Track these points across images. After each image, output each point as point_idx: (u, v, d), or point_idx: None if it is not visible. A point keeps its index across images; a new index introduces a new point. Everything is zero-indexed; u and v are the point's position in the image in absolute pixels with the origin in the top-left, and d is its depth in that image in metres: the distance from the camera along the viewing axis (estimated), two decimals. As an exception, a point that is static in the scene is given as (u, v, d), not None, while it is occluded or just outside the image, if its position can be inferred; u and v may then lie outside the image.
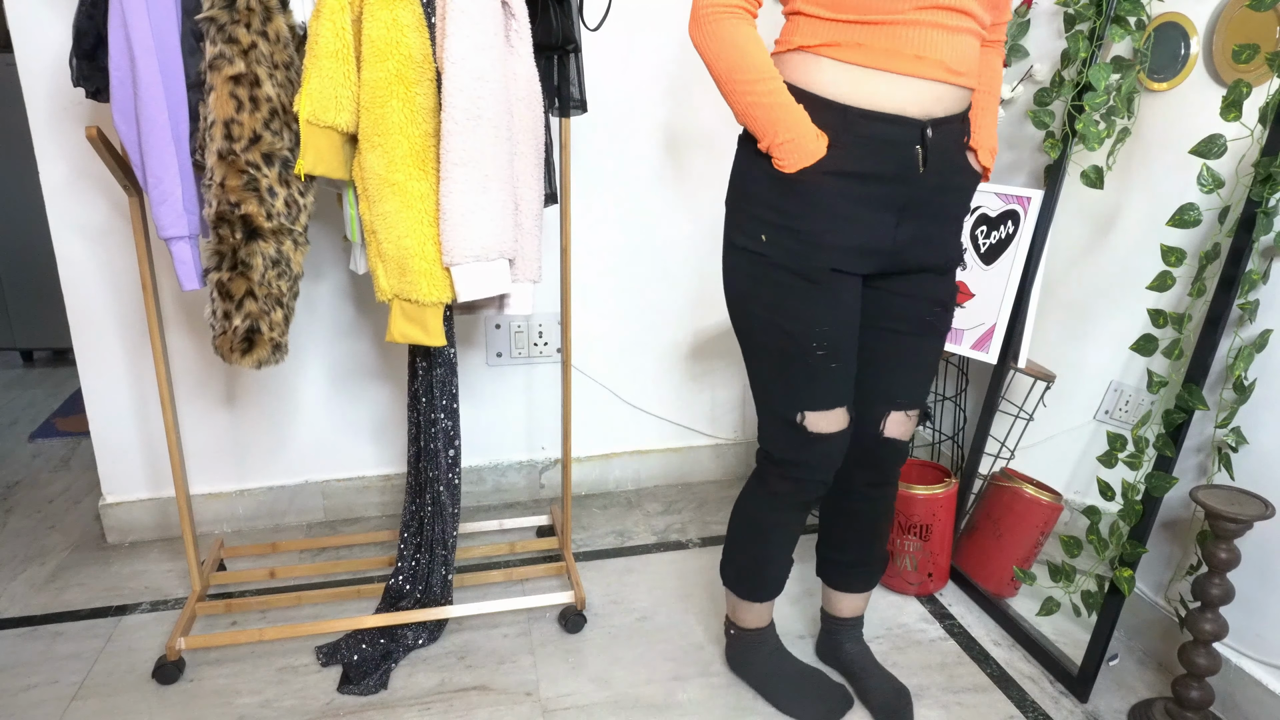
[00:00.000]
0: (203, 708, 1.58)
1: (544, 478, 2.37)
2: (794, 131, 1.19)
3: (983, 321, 1.88)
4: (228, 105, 1.36)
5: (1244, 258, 1.42)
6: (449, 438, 1.73)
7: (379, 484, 2.25)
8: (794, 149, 1.20)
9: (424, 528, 1.80)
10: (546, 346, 2.25)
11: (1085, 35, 1.73)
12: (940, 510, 1.86)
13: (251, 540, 2.15)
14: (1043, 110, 1.84)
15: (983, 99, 1.34)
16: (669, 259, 2.27)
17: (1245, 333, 1.48)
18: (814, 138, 1.19)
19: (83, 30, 1.41)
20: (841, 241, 1.24)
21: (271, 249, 1.45)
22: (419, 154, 1.44)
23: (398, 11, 1.39)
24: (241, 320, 1.45)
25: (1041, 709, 1.58)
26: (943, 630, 1.81)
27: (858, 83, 1.19)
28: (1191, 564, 1.58)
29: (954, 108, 1.24)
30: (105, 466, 2.09)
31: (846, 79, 1.19)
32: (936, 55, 1.17)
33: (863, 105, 1.19)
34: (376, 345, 2.15)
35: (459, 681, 1.65)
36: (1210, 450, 1.55)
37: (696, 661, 1.71)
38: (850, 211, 1.23)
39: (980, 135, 1.33)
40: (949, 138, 1.25)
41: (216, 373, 2.08)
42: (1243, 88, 1.39)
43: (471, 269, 1.48)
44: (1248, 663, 1.51)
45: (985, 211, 1.91)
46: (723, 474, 2.50)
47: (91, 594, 1.92)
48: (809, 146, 1.19)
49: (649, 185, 2.20)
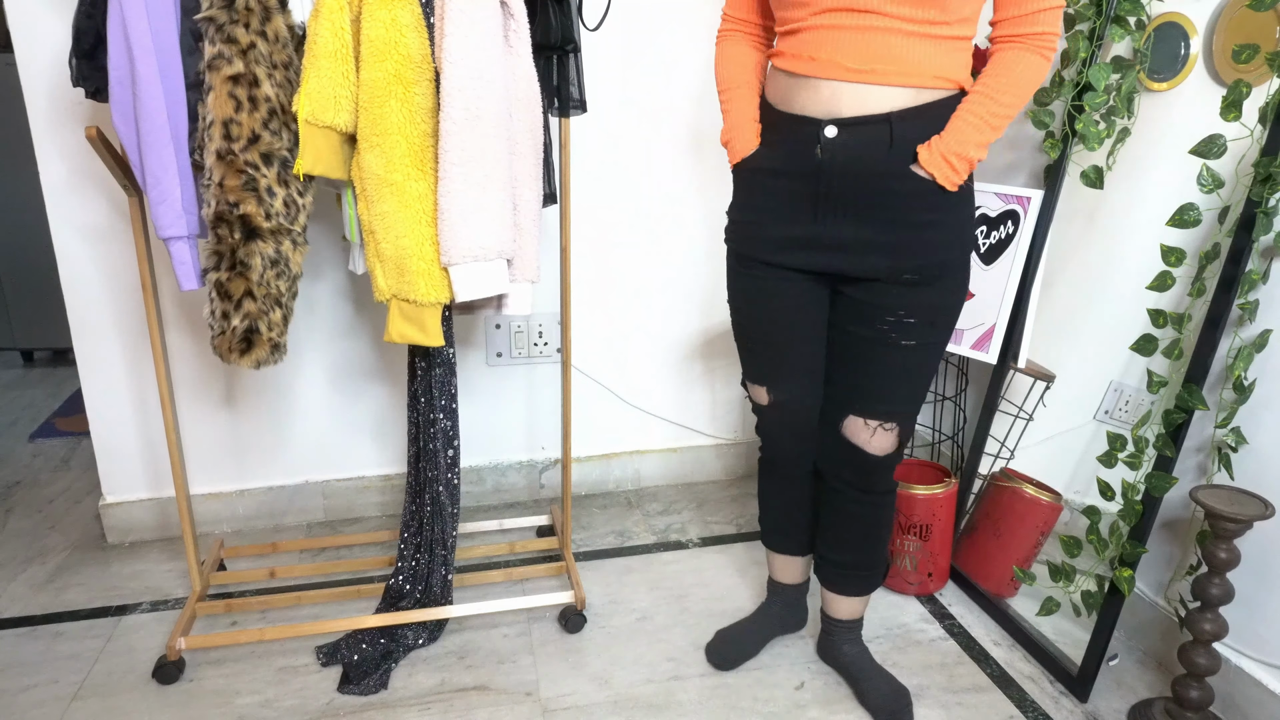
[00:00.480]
0: (203, 708, 1.58)
1: (544, 478, 2.37)
2: (733, 132, 1.39)
3: (982, 321, 1.88)
4: (226, 105, 1.36)
5: (1244, 258, 1.42)
6: (448, 438, 1.73)
7: (379, 484, 2.25)
8: (732, 148, 1.40)
9: (424, 528, 1.80)
10: (546, 346, 2.25)
11: (1085, 35, 1.73)
12: (940, 510, 1.86)
13: (251, 540, 2.15)
14: (1043, 110, 1.84)
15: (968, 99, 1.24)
16: (669, 259, 2.27)
17: (1245, 333, 1.48)
18: (746, 139, 1.37)
19: (82, 30, 1.41)
20: (763, 233, 1.38)
21: (270, 249, 1.45)
22: (417, 154, 1.44)
23: (396, 11, 1.39)
24: (240, 320, 1.45)
25: (1041, 709, 1.58)
26: (943, 630, 1.81)
27: (778, 86, 1.33)
28: (1191, 564, 1.58)
29: (870, 107, 1.23)
30: (105, 466, 2.09)
31: (774, 83, 1.34)
32: (830, 55, 1.23)
33: (780, 107, 1.33)
34: (376, 345, 2.15)
35: (459, 681, 1.65)
36: (1210, 450, 1.55)
37: (696, 661, 1.71)
38: (768, 204, 1.36)
39: (941, 137, 1.24)
40: (866, 137, 1.24)
41: (216, 373, 2.08)
42: (1243, 88, 1.39)
43: (470, 269, 1.48)
44: (1247, 663, 1.51)
45: (985, 211, 1.91)
46: (723, 474, 2.50)
47: (92, 594, 1.92)
48: (739, 145, 1.38)
49: (649, 185, 2.20)
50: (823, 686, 1.64)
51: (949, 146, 1.24)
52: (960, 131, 1.24)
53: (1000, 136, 1.25)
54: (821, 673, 1.68)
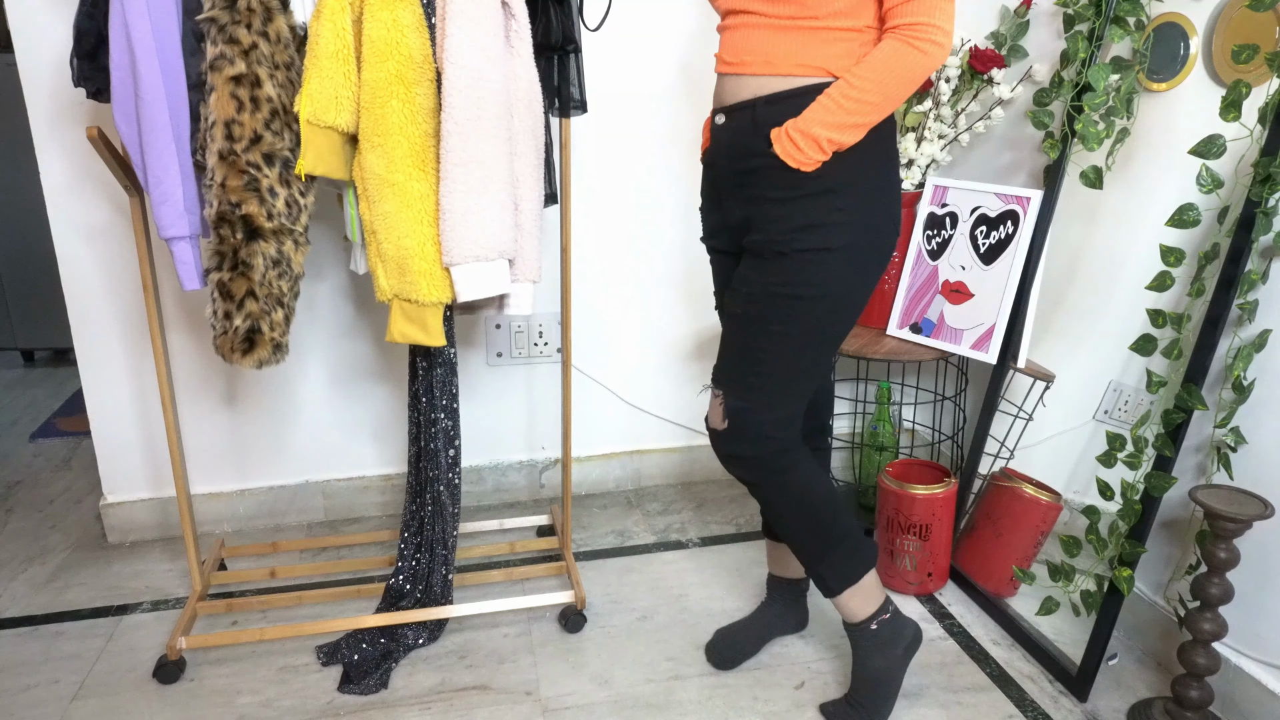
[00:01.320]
0: (203, 707, 1.58)
1: (544, 477, 2.37)
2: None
3: (982, 321, 1.88)
4: (228, 105, 1.36)
5: (1243, 258, 1.42)
6: (449, 437, 1.74)
7: (379, 484, 2.25)
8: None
9: (424, 527, 1.80)
10: (546, 346, 2.25)
11: (1085, 36, 1.74)
12: (940, 510, 1.87)
13: (252, 540, 2.15)
14: (1042, 111, 1.85)
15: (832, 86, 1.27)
16: (669, 259, 2.28)
17: (1244, 333, 1.48)
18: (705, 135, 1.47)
19: (83, 30, 1.41)
20: (704, 221, 1.52)
21: (272, 249, 1.45)
22: (419, 154, 1.44)
23: (398, 12, 1.39)
24: (242, 320, 1.45)
25: (1041, 708, 1.58)
26: (942, 630, 1.81)
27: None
28: (1191, 564, 1.59)
29: (743, 95, 1.35)
30: (106, 466, 2.09)
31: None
32: (724, 53, 1.37)
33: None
34: (377, 345, 2.15)
35: (459, 681, 1.65)
36: (1209, 450, 1.55)
37: (696, 661, 1.71)
38: (704, 192, 1.50)
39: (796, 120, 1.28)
40: (738, 122, 1.36)
41: (217, 373, 2.08)
42: (1242, 88, 1.39)
43: (471, 269, 1.48)
44: (1247, 662, 1.51)
45: (985, 212, 1.91)
46: (723, 474, 2.50)
47: (92, 593, 1.93)
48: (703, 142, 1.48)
49: (649, 185, 2.20)
50: (823, 686, 1.64)
51: (795, 124, 1.28)
52: (811, 110, 1.27)
53: (861, 123, 1.25)
54: (821, 673, 1.68)
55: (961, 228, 1.96)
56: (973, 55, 1.96)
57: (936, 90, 2.01)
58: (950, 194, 2.00)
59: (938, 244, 2.00)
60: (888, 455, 2.19)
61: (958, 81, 2.01)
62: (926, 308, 2.00)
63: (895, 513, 1.88)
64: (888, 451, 2.19)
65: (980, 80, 2.00)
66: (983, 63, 1.95)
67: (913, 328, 2.01)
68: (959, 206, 1.97)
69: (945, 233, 1.99)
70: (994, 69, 1.96)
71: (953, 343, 1.93)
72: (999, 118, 2.03)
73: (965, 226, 1.95)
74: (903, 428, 2.49)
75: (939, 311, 1.97)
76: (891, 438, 2.19)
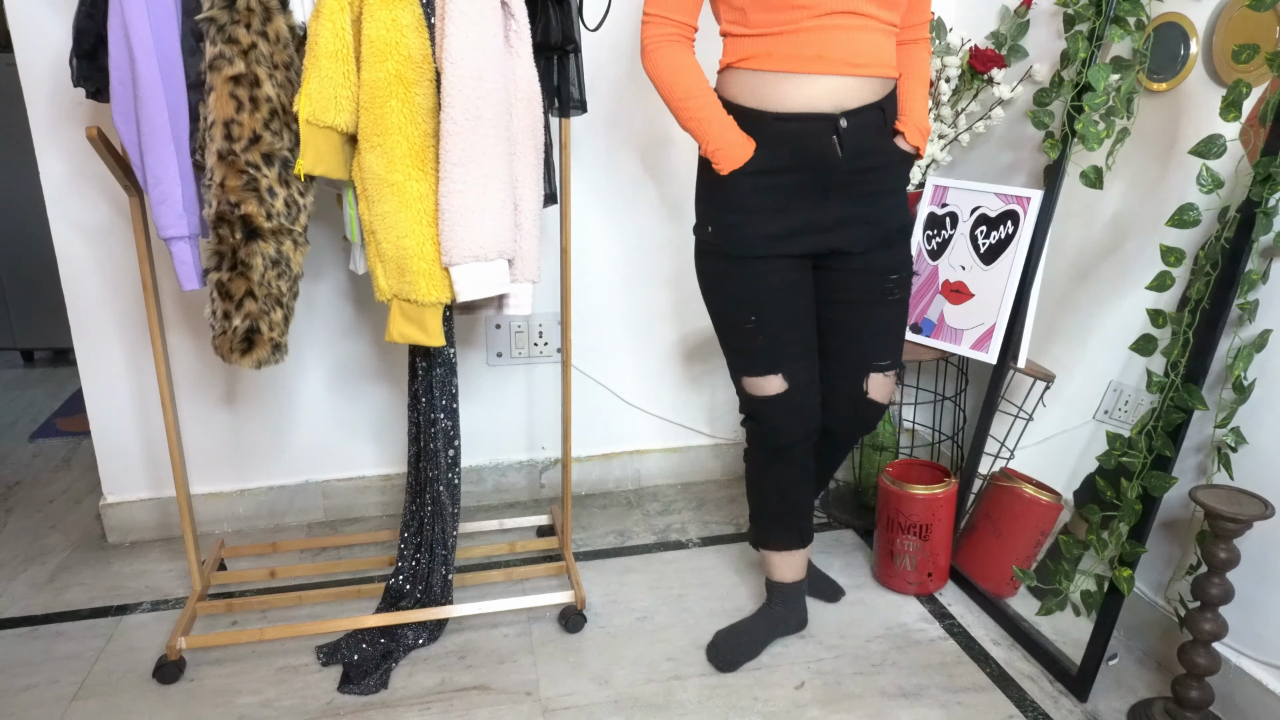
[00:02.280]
0: (203, 707, 1.58)
1: (544, 477, 2.37)
2: (721, 141, 1.40)
3: (982, 321, 1.88)
4: (227, 105, 1.36)
5: (1243, 258, 1.42)
6: (449, 438, 1.74)
7: (379, 484, 2.25)
8: (723, 155, 1.40)
9: (424, 527, 1.80)
10: (546, 346, 2.25)
11: (1085, 35, 1.73)
12: (940, 510, 1.87)
13: (252, 540, 2.15)
14: (1042, 110, 1.84)
15: (909, 85, 1.49)
16: (669, 259, 2.27)
17: (1244, 333, 1.48)
18: (740, 144, 1.39)
19: (83, 30, 1.41)
20: (763, 230, 1.44)
21: (271, 249, 1.45)
22: (418, 154, 1.44)
23: (397, 12, 1.39)
24: (241, 320, 1.45)
25: (1041, 708, 1.58)
26: (942, 630, 1.81)
27: (769, 88, 1.38)
28: (1191, 564, 1.58)
29: (867, 97, 1.40)
30: (106, 466, 2.09)
31: (760, 86, 1.38)
32: (837, 54, 1.34)
33: (775, 108, 1.38)
34: (376, 345, 2.15)
35: (459, 681, 1.65)
36: (1210, 450, 1.55)
37: (696, 661, 1.71)
38: (770, 202, 1.43)
39: (909, 118, 1.49)
40: (865, 123, 1.41)
41: (217, 373, 2.08)
42: (1242, 88, 1.39)
43: (470, 269, 1.48)
44: (1247, 662, 1.51)
45: (985, 212, 1.91)
46: (722, 474, 2.50)
47: (92, 594, 1.93)
48: (735, 153, 1.40)
49: (649, 185, 2.20)
50: (823, 686, 1.64)
51: (918, 122, 1.49)
52: (919, 111, 1.50)
53: None
54: (821, 673, 1.68)
55: (961, 228, 1.96)
56: (973, 55, 1.96)
57: (937, 90, 2.01)
58: (950, 194, 1.99)
59: (938, 244, 2.00)
60: (888, 455, 2.19)
61: (958, 81, 2.01)
62: (927, 308, 2.00)
63: (895, 513, 1.88)
64: (888, 451, 2.19)
65: (980, 80, 2.00)
66: (983, 63, 1.95)
67: (913, 328, 2.01)
68: (959, 206, 1.97)
69: (945, 233, 1.99)
70: (994, 69, 1.96)
71: (953, 343, 1.93)
72: (999, 118, 2.03)
73: (965, 226, 1.95)
74: (903, 427, 2.49)
75: (939, 311, 1.97)
76: (891, 438, 2.19)
